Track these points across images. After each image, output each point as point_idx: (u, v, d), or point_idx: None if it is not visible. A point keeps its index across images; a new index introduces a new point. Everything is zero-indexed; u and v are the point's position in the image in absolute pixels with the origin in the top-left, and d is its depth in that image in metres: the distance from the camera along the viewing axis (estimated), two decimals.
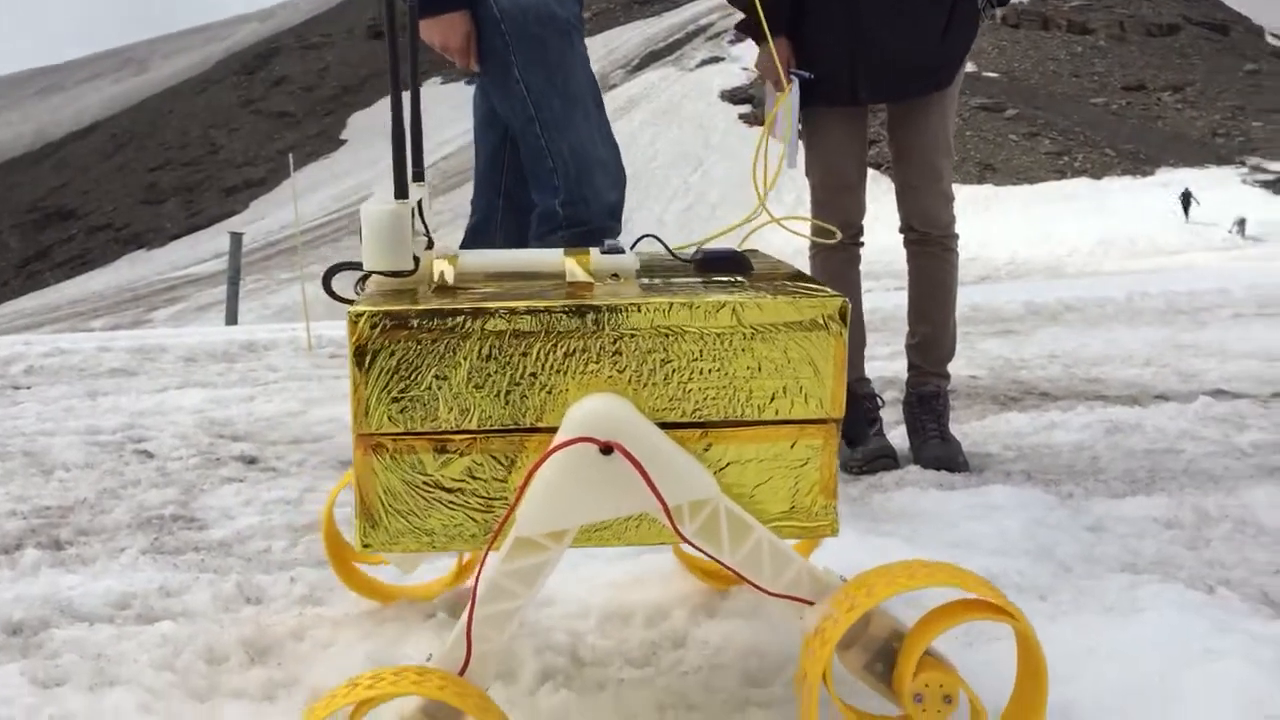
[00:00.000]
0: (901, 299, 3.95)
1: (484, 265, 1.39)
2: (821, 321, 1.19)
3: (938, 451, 2.83)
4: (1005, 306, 9.15)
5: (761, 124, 2.10)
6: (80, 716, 1.45)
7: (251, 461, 3.68)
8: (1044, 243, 32.44)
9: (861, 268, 3.16)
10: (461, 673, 1.14)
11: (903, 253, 3.04)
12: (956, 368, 3.19)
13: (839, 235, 2.85)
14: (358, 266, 1.33)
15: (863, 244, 3.09)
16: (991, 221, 33.58)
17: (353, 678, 1.14)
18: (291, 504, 2.89)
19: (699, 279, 1.34)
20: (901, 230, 3.07)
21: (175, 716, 1.48)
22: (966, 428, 3.50)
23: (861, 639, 1.19)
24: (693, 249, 1.48)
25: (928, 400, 3.01)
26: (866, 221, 3.08)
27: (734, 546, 1.17)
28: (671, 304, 1.17)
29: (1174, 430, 3.25)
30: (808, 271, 3.10)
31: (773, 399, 1.19)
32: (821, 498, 1.21)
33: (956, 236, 3.07)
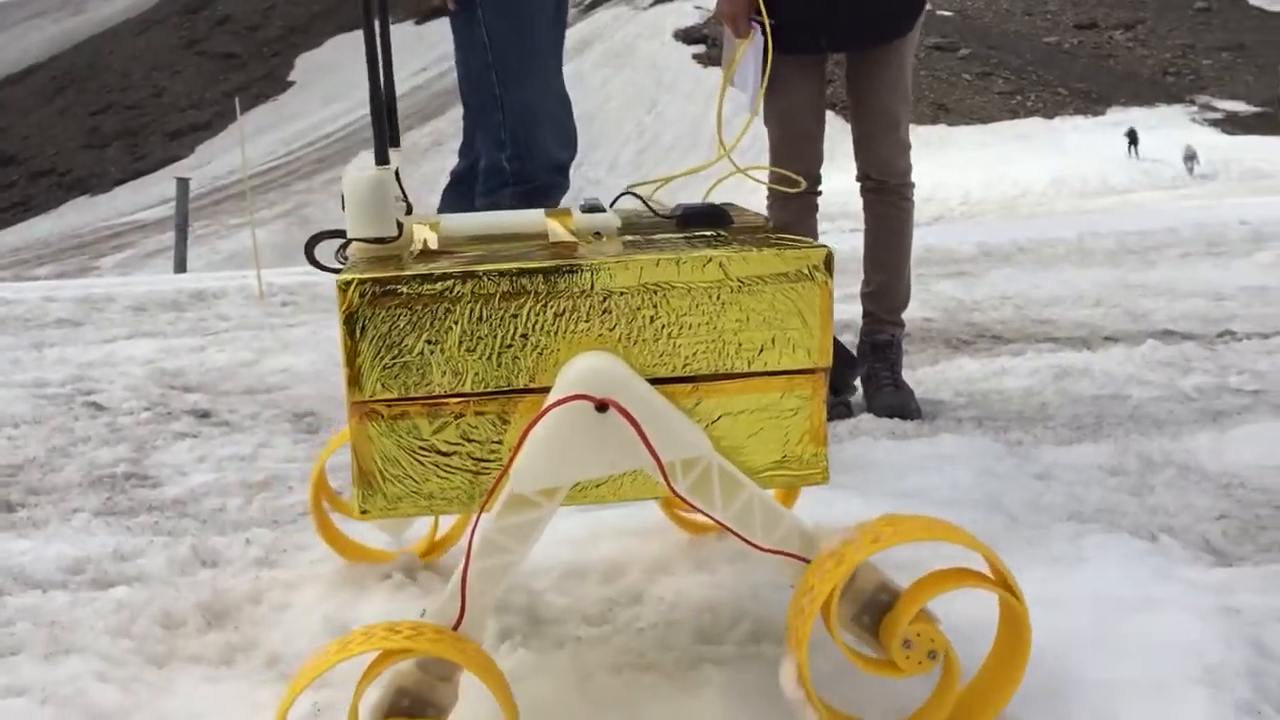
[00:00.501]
0: (855, 241, 3.96)
1: (466, 229, 1.40)
2: (807, 272, 1.20)
3: (891, 400, 2.86)
4: (959, 248, 9.21)
5: (716, 65, 2.09)
6: (36, 686, 1.45)
7: (204, 415, 3.65)
8: (997, 183, 32.65)
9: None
10: (455, 627, 1.16)
11: (858, 195, 3.05)
12: (911, 310, 3.23)
13: (803, 184, 2.86)
14: (339, 234, 1.32)
15: (820, 193, 3.09)
16: (945, 162, 33.69)
17: (343, 637, 1.15)
18: (245, 460, 2.87)
19: (680, 234, 1.35)
20: (858, 179, 3.08)
21: (133, 683, 1.48)
22: (920, 373, 3.54)
23: (849, 592, 1.21)
24: (655, 186, 1.49)
25: (881, 348, 3.04)
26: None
27: (725, 503, 1.19)
28: (659, 260, 1.18)
29: (1121, 375, 3.30)
30: None
31: (761, 351, 1.21)
32: (812, 446, 1.24)
33: (913, 185, 3.08)
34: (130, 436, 3.19)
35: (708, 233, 1.35)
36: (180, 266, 12.35)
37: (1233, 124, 45.25)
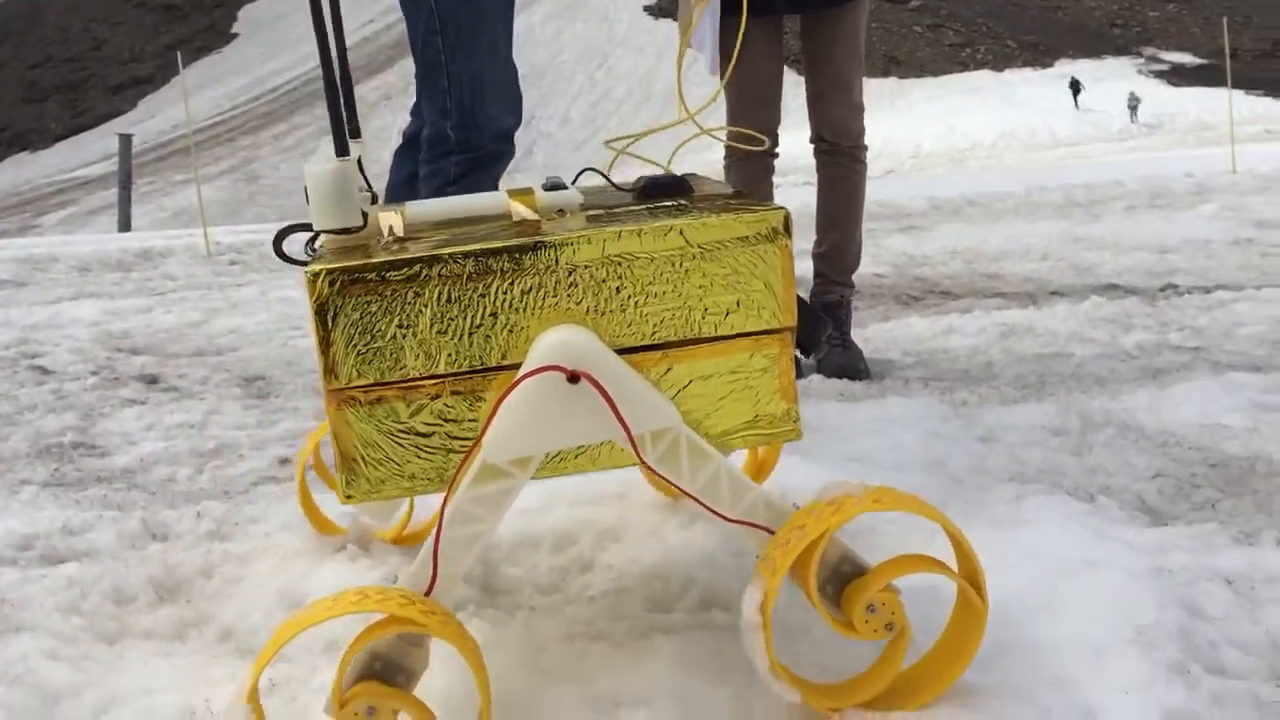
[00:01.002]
0: (806, 196, 3.98)
1: (430, 214, 1.42)
2: (767, 234, 1.23)
3: (840, 360, 2.90)
4: (909, 203, 9.28)
5: (668, 17, 2.09)
6: None
7: (152, 381, 3.61)
8: (948, 136, 32.80)
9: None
10: (427, 594, 1.18)
11: (806, 150, 3.07)
12: (862, 266, 3.26)
13: (766, 142, 2.86)
14: (306, 228, 1.33)
15: (777, 154, 3.11)
16: (896, 115, 33.77)
17: (314, 601, 1.16)
18: (195, 428, 2.85)
19: (643, 206, 1.37)
20: (812, 140, 3.09)
21: (84, 660, 1.48)
22: (869, 331, 3.58)
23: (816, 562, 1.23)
24: (628, 142, 1.50)
25: (831, 309, 3.07)
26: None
27: (693, 473, 1.21)
28: (620, 232, 1.20)
29: (1065, 332, 3.36)
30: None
31: (727, 314, 1.24)
32: (783, 403, 1.27)
33: (865, 147, 3.10)
34: (77, 404, 3.16)
35: (669, 203, 1.38)
36: (124, 225, 12.12)
37: (1178, 76, 45.67)
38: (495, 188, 2.70)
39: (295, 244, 1.40)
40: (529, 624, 1.48)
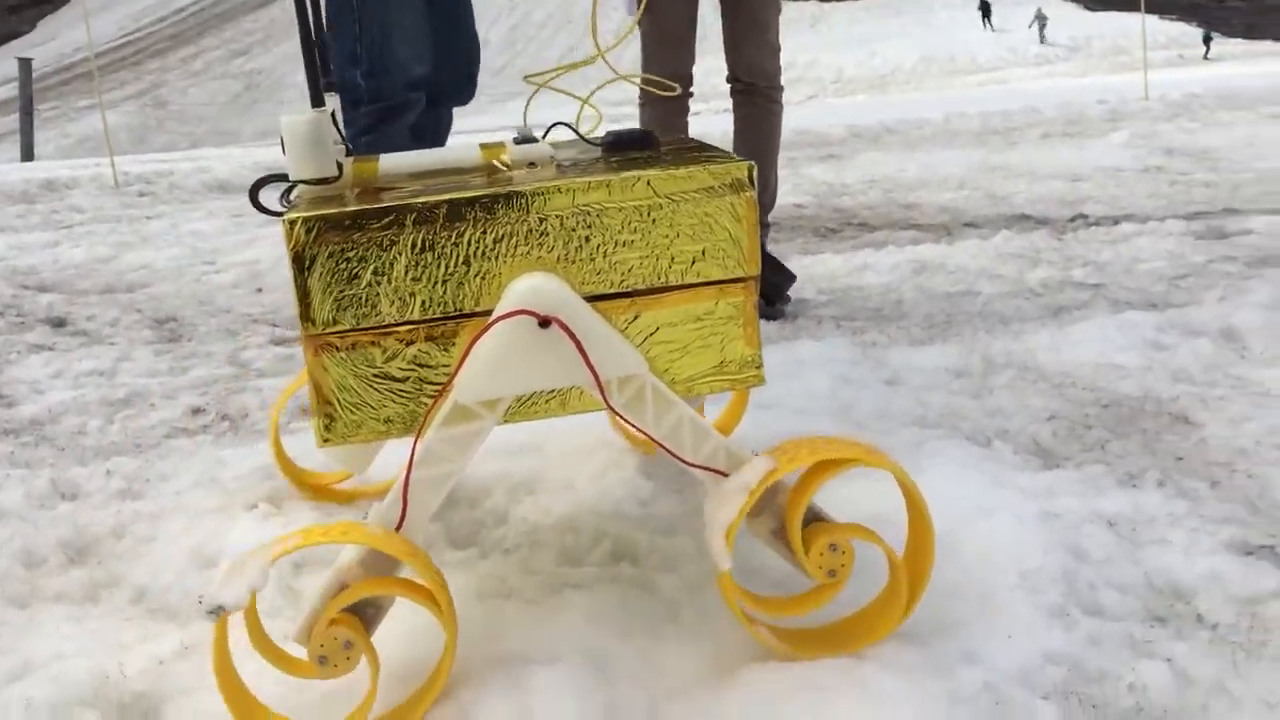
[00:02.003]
0: (718, 124, 3.97)
1: (404, 166, 1.46)
2: (731, 185, 1.28)
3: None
4: (829, 131, 9.30)
5: None
6: None
7: (60, 324, 3.53)
8: (869, 61, 32.79)
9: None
10: (397, 530, 1.22)
11: (716, 80, 3.09)
12: (782, 196, 3.30)
13: (679, 89, 2.86)
14: (282, 179, 1.36)
15: (692, 94, 3.11)
16: (819, 39, 33.64)
17: (279, 536, 1.20)
18: (105, 375, 2.81)
19: (611, 159, 1.42)
20: (729, 80, 3.09)
21: None
22: (789, 266, 3.61)
23: (770, 508, 1.30)
24: (538, 79, 1.56)
25: None
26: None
27: (657, 420, 1.26)
28: (590, 183, 1.25)
29: (975, 268, 3.43)
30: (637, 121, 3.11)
31: (693, 263, 1.28)
32: (748, 350, 1.32)
33: (781, 88, 3.12)
34: None
35: (636, 155, 1.42)
36: (27, 154, 11.69)
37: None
38: (405, 137, 2.68)
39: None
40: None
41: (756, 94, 3.06)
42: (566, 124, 1.60)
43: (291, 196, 1.38)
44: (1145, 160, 7.02)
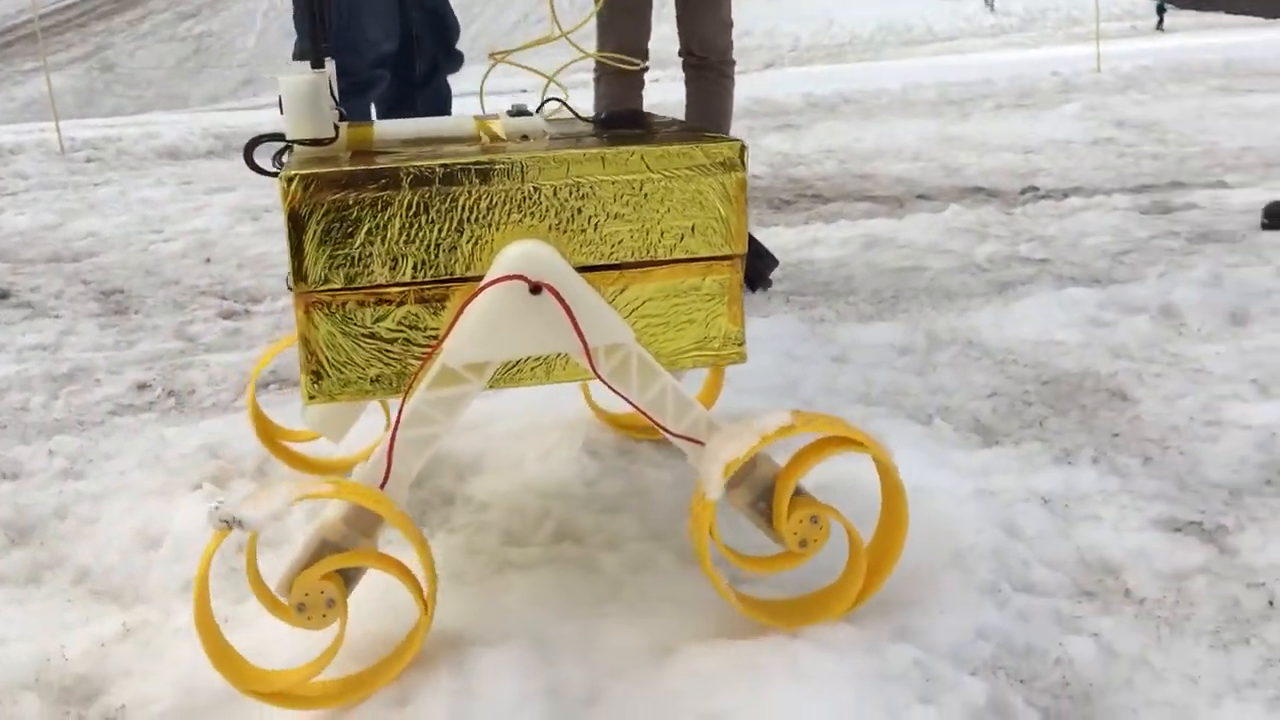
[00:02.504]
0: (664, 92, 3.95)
1: (399, 133, 1.47)
2: (723, 164, 1.31)
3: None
4: (787, 100, 9.31)
5: None
6: None
7: (4, 295, 3.48)
8: (826, 29, 32.78)
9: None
10: (381, 488, 1.25)
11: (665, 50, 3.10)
12: None
13: (640, 64, 2.86)
14: (278, 138, 1.38)
15: (648, 68, 3.10)
16: (776, 8, 33.54)
17: (310, 479, 1.22)
18: (49, 350, 2.78)
19: (603, 135, 1.44)
20: (680, 54, 3.09)
21: None
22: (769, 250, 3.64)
23: (748, 480, 1.32)
24: (505, 55, 1.57)
25: None
26: None
27: (642, 389, 1.28)
28: (585, 155, 1.27)
29: (924, 243, 3.46)
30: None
31: (682, 239, 1.31)
32: (731, 326, 1.36)
33: (733, 62, 3.12)
34: None
35: (627, 132, 1.45)
36: None
37: None
38: (368, 113, 2.66)
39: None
40: None
41: (708, 68, 3.06)
42: (561, 100, 1.62)
43: (284, 158, 1.39)
44: (1096, 132, 7.08)
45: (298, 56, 1.64)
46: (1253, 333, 2.38)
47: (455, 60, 2.66)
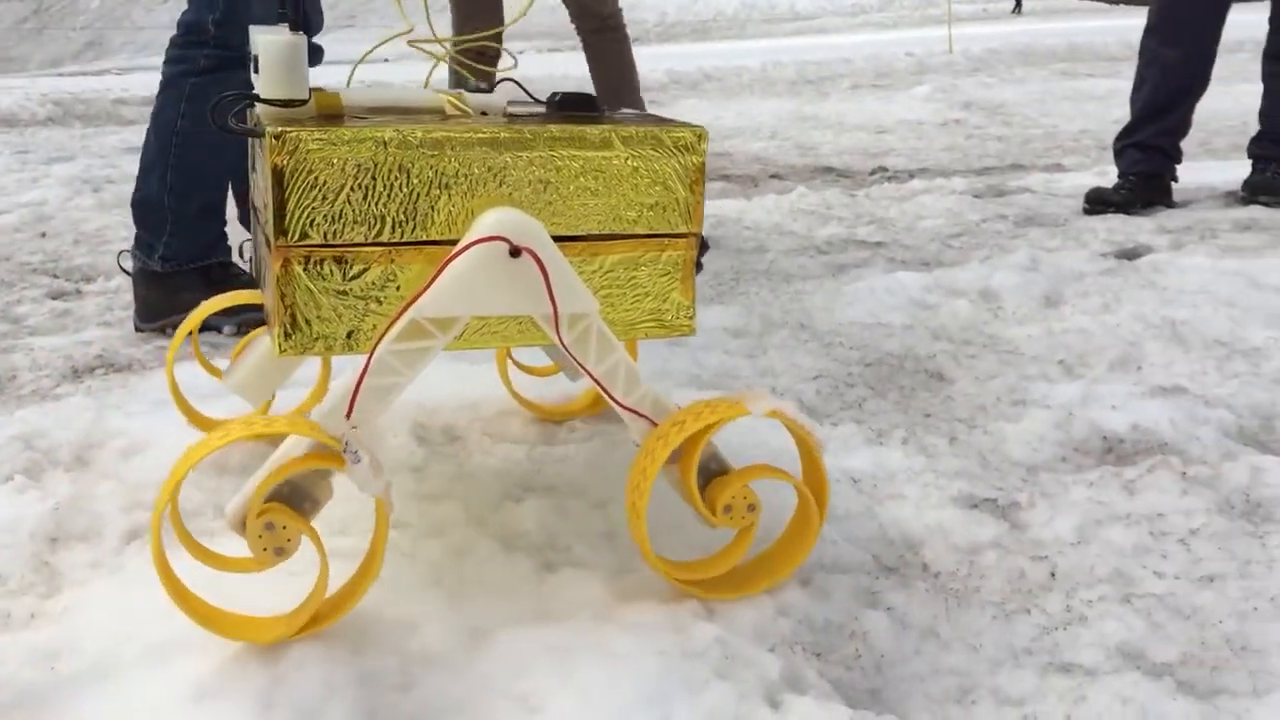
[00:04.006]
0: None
1: (365, 100, 1.51)
2: (687, 146, 1.40)
3: None
4: (650, 76, 9.35)
5: None
6: None
7: None
8: (691, 5, 32.96)
9: None
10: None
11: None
12: None
13: (492, 84, 2.89)
14: (246, 96, 1.40)
15: (499, 54, 3.20)
16: None
17: (222, 425, 1.25)
18: None
19: (558, 115, 1.51)
20: (572, 22, 3.19)
21: None
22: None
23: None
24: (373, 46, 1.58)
25: None
26: None
27: (598, 360, 1.35)
28: (565, 131, 1.35)
29: (768, 225, 3.55)
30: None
31: (644, 215, 1.40)
32: (684, 301, 1.45)
33: (620, 12, 3.21)
34: None
35: (582, 114, 1.52)
36: None
37: None
38: (240, 85, 2.62)
39: None
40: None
41: (600, 31, 3.16)
42: (514, 80, 1.68)
43: (245, 116, 1.41)
44: (945, 114, 7.32)
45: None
46: (1063, 315, 2.53)
47: (316, 55, 2.65)
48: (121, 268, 2.60)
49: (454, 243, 1.31)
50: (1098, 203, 3.62)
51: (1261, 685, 1.29)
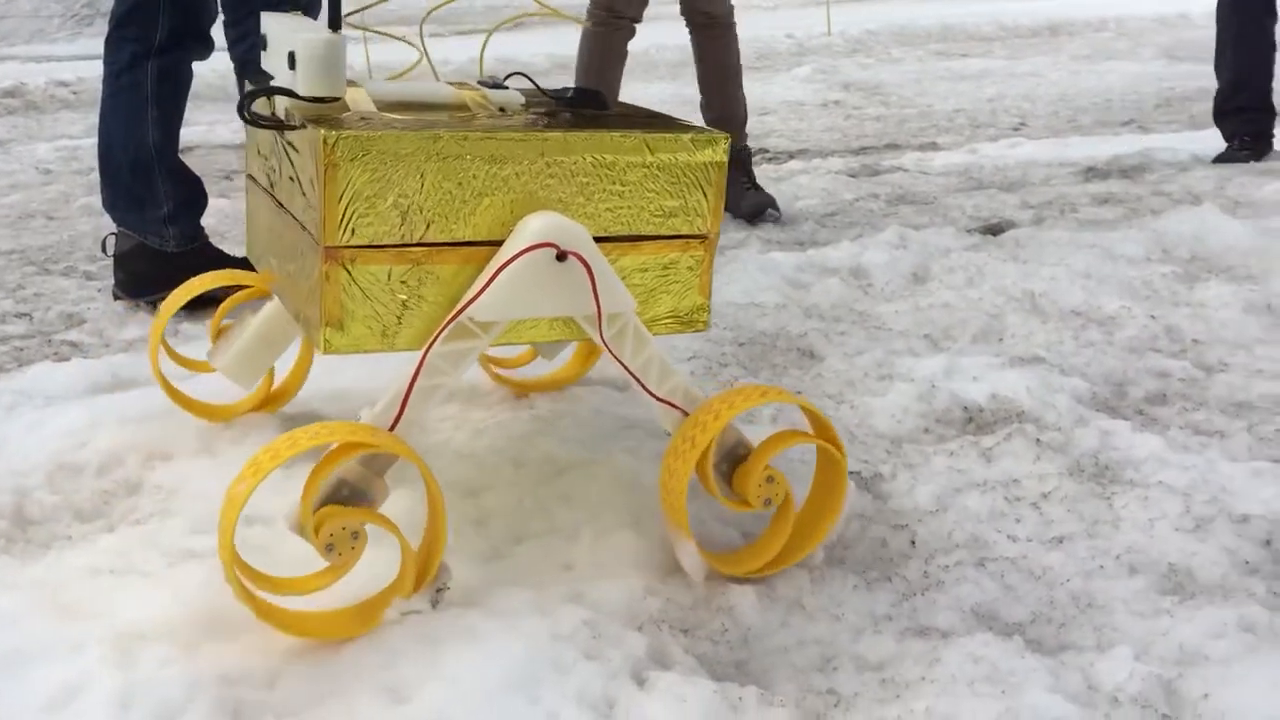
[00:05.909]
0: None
1: (389, 95, 1.52)
2: (712, 153, 1.45)
3: (755, 199, 3.26)
4: (532, 61, 9.30)
5: None
6: None
7: None
8: None
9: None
10: (391, 429, 1.33)
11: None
12: None
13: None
14: (280, 91, 1.39)
15: (636, 30, 3.25)
16: None
17: (289, 434, 1.26)
18: None
19: (569, 113, 1.54)
20: (683, 13, 3.30)
21: None
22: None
23: (714, 443, 1.44)
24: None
25: (737, 155, 3.33)
26: None
27: (634, 355, 1.42)
28: (601, 135, 1.39)
29: None
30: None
31: (669, 218, 1.45)
32: (700, 299, 1.50)
33: (731, 8, 3.31)
34: None
35: (591, 112, 1.55)
36: None
37: None
38: (189, 74, 2.56)
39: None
40: (60, 558, 1.47)
41: (714, 26, 3.26)
42: (525, 74, 1.69)
43: (260, 110, 1.41)
44: (825, 95, 7.43)
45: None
46: (930, 290, 2.60)
47: (206, 51, 2.60)
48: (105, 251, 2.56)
49: (493, 243, 1.35)
50: (1229, 162, 3.94)
51: (1105, 640, 1.36)
